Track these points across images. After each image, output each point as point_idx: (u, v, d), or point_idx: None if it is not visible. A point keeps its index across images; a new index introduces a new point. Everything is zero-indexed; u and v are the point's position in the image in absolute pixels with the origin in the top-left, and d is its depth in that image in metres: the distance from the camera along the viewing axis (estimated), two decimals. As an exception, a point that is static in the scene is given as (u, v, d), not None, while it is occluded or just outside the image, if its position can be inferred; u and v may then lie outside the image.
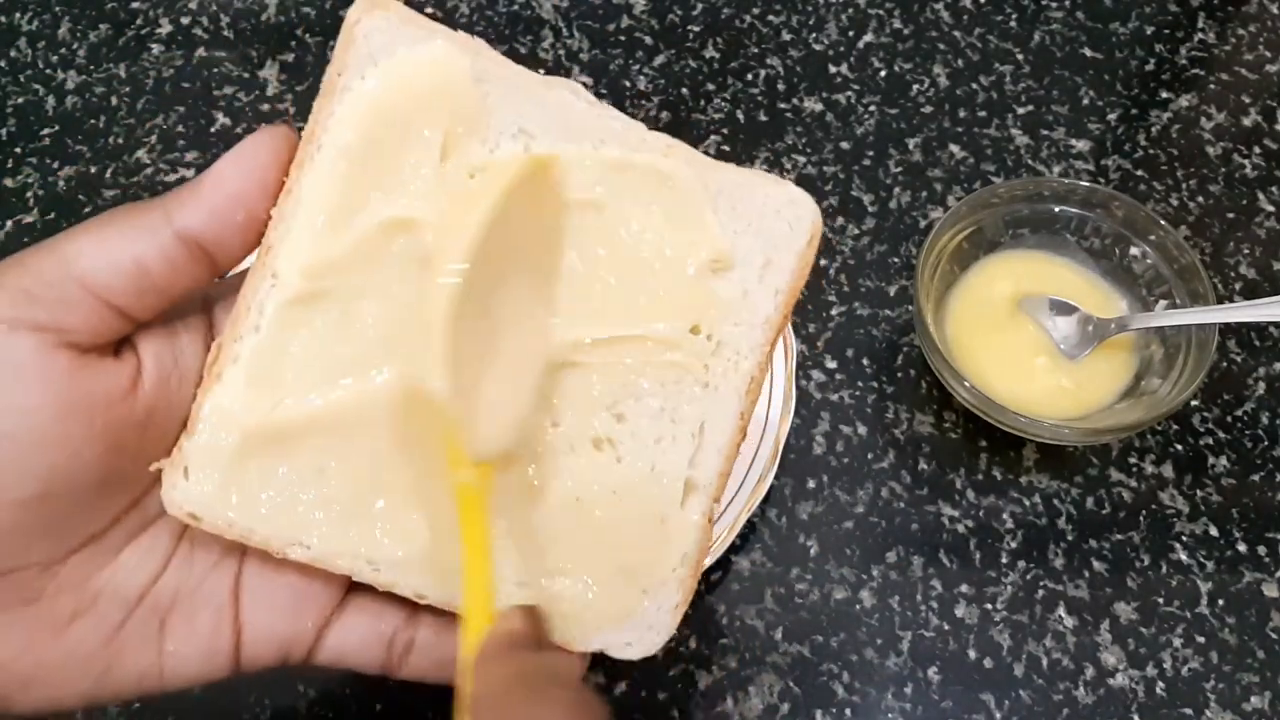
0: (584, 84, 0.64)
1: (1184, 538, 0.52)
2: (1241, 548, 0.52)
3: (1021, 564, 0.51)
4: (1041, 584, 0.50)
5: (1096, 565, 0.51)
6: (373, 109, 0.29)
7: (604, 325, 0.30)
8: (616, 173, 0.31)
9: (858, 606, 0.50)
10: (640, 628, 0.31)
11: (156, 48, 0.66)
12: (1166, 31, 0.68)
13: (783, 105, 0.64)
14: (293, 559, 0.30)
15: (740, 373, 0.31)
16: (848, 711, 0.47)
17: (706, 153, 0.62)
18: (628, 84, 0.65)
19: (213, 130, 0.62)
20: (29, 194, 0.60)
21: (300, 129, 0.29)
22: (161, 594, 0.31)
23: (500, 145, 0.30)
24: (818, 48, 0.67)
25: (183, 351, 0.30)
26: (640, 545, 0.31)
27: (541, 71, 0.31)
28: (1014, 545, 0.51)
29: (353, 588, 0.33)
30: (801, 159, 0.62)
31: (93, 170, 0.60)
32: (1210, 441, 0.54)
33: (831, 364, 0.56)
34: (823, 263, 0.59)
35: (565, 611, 0.31)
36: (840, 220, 0.60)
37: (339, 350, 0.29)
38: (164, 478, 0.29)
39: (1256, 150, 0.64)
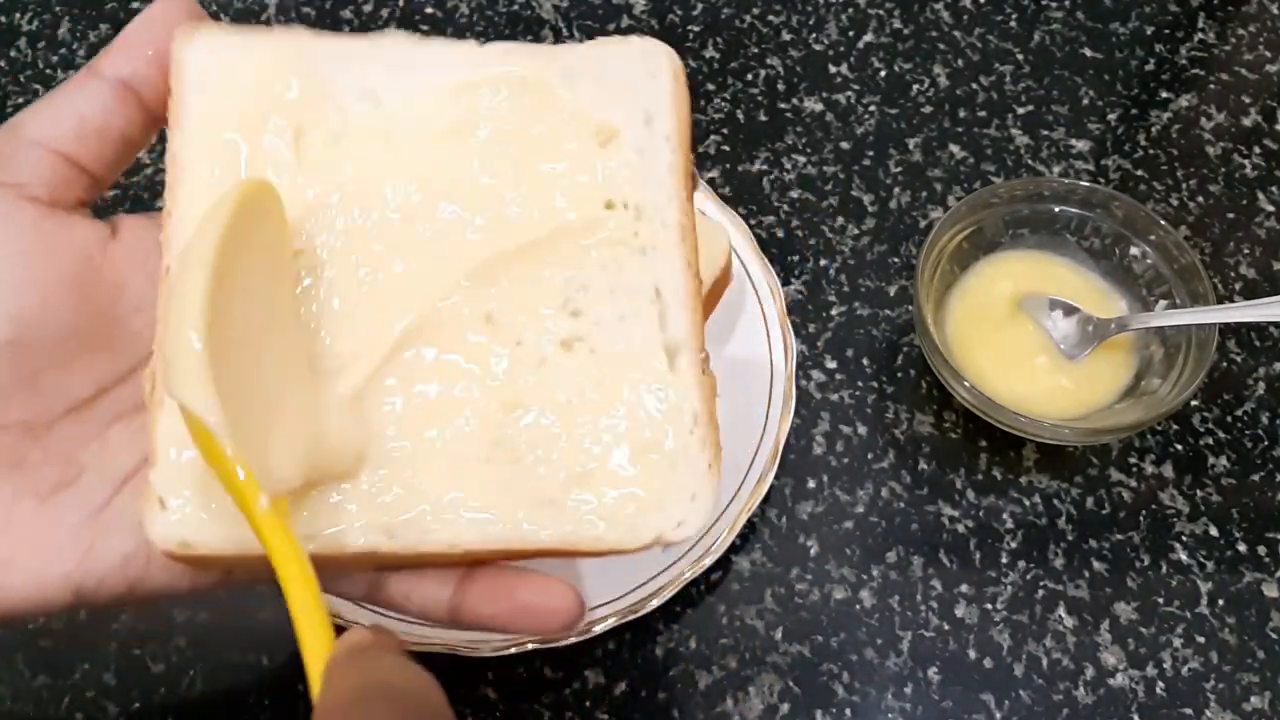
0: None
1: (1184, 538, 0.52)
2: (1241, 548, 0.52)
3: (1021, 564, 0.51)
4: (1041, 584, 0.50)
5: (1096, 565, 0.51)
6: (213, 124, 0.30)
7: (516, 235, 0.31)
8: (465, 94, 0.31)
9: (858, 606, 0.50)
10: (683, 501, 0.30)
11: (156, 48, 0.66)
12: (1166, 31, 0.68)
13: (783, 105, 0.64)
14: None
15: (669, 225, 0.31)
16: (848, 711, 0.47)
17: (706, 153, 0.62)
18: (628, 84, 0.65)
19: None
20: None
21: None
22: None
23: (350, 109, 0.31)
24: (818, 48, 0.67)
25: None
26: (646, 421, 0.30)
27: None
28: (1014, 545, 0.51)
29: None
30: (801, 159, 0.62)
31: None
32: (1210, 441, 0.54)
33: (831, 364, 0.56)
34: (823, 263, 0.59)
35: (604, 517, 0.30)
36: (840, 220, 0.60)
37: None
38: (144, 517, 0.28)
39: (1256, 150, 0.64)
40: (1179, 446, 0.54)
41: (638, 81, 0.32)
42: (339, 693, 0.23)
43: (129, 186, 0.59)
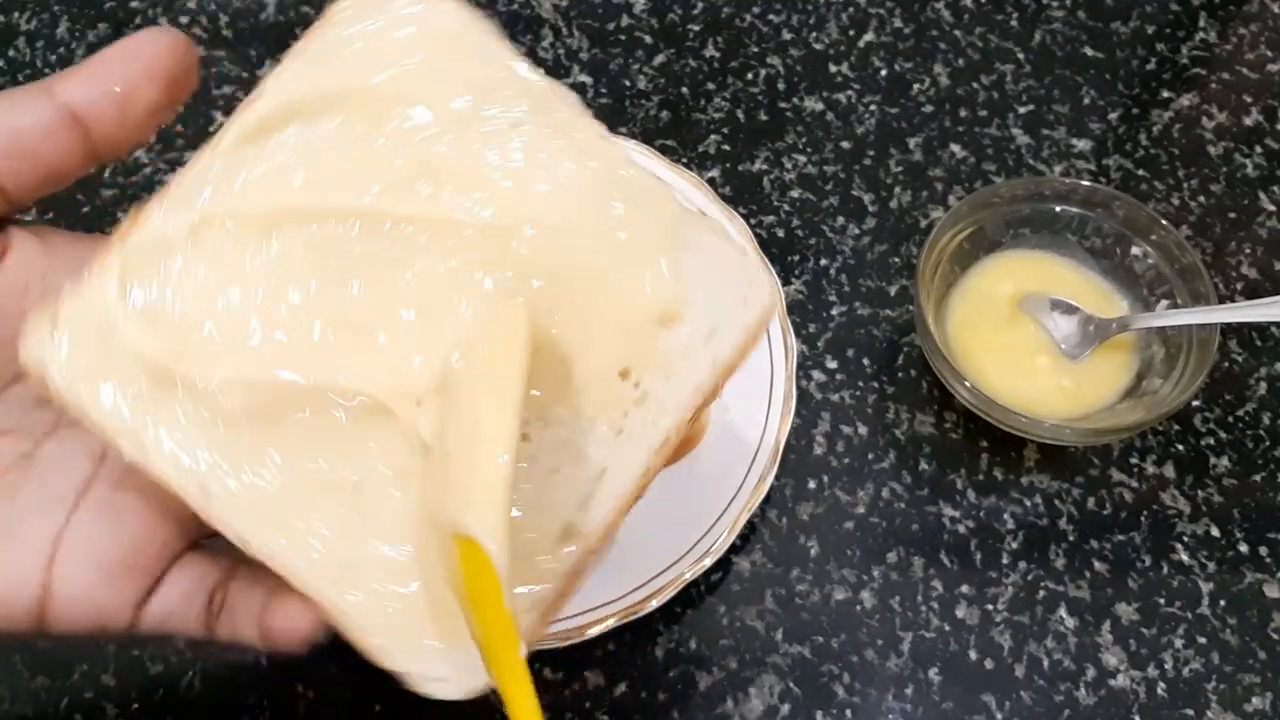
0: (584, 84, 0.64)
1: (1185, 538, 0.52)
2: (1243, 548, 0.52)
3: (1022, 565, 0.51)
4: (1042, 585, 0.50)
5: (1097, 566, 0.51)
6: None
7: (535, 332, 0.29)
8: (601, 183, 0.30)
9: (858, 607, 0.50)
10: (466, 663, 0.28)
11: (155, 47, 0.66)
12: (1168, 31, 0.68)
13: (783, 105, 0.64)
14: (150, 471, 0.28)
15: (658, 429, 0.29)
16: (848, 712, 0.47)
17: (706, 152, 0.62)
18: (628, 83, 0.65)
19: (212, 129, 0.62)
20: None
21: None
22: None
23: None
24: (818, 47, 0.66)
25: (53, 273, 0.29)
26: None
27: (541, 71, 0.31)
28: (1015, 546, 0.51)
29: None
30: (802, 158, 0.62)
31: (91, 170, 0.60)
32: (1212, 442, 0.54)
33: (832, 364, 0.56)
34: (823, 262, 0.59)
35: (392, 623, 0.28)
36: (840, 220, 0.60)
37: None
38: (30, 323, 0.27)
39: (1258, 150, 0.63)
40: (1180, 447, 0.54)
41: (730, 295, 0.30)
42: None
43: (126, 186, 0.59)
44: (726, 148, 0.62)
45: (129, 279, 0.28)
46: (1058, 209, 0.55)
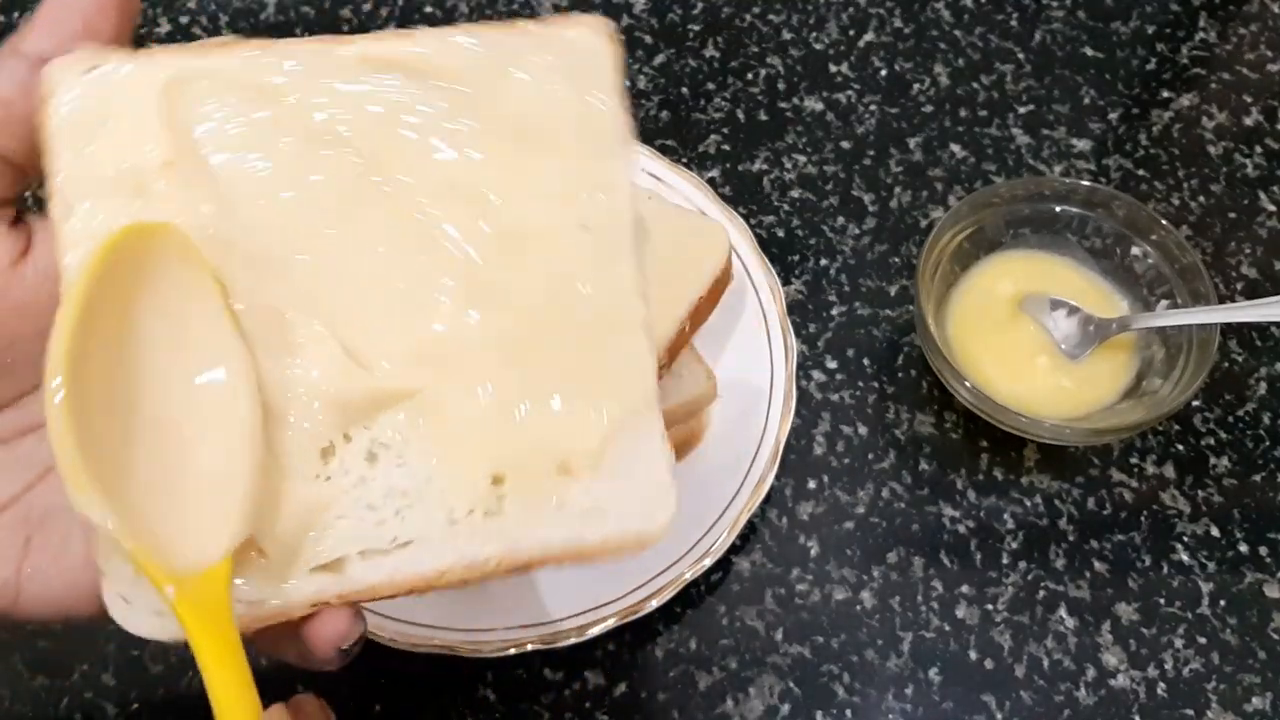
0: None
1: (1185, 538, 0.52)
2: (1243, 548, 0.52)
3: (1022, 564, 0.51)
4: (1042, 585, 0.50)
5: (1098, 566, 0.51)
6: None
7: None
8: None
9: (858, 607, 0.50)
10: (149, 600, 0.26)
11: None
12: (1168, 31, 0.68)
13: (783, 104, 0.64)
14: None
15: (481, 551, 0.28)
16: (848, 712, 0.47)
17: (706, 152, 0.62)
18: (628, 83, 0.64)
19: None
20: (28, 194, 0.60)
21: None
22: (32, 506, 0.28)
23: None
24: (818, 47, 0.66)
25: None
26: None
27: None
28: (1015, 546, 0.51)
29: None
30: (802, 158, 0.62)
31: None
32: (1212, 442, 0.54)
33: (832, 364, 0.56)
34: (823, 262, 0.59)
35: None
36: (841, 220, 0.60)
37: None
38: (76, 54, 0.27)
39: (1258, 150, 0.63)
40: (1180, 447, 0.54)
41: (632, 498, 0.28)
42: None
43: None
44: (726, 148, 0.62)
45: (180, 87, 0.28)
46: (1058, 209, 0.55)
